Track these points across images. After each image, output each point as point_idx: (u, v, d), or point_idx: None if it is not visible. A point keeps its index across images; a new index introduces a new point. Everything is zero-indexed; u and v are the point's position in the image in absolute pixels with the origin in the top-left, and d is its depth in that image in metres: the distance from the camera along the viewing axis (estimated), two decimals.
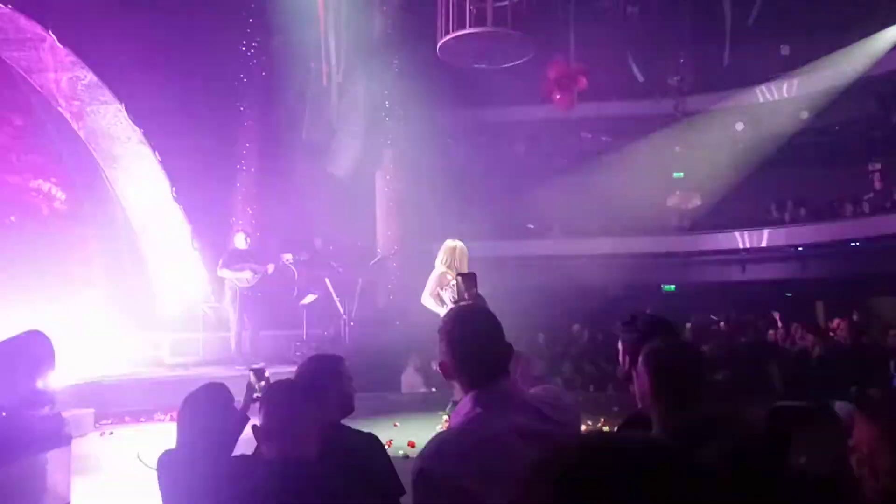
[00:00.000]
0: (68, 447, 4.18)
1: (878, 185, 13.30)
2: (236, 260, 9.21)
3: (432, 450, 1.66)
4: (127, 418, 7.31)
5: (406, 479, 2.48)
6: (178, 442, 2.71)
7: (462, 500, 1.56)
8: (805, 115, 13.56)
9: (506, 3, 8.63)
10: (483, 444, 1.60)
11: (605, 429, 6.42)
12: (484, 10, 8.58)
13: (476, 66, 9.83)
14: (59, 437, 4.16)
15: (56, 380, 4.47)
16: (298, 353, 9.44)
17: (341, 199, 12.29)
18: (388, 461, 2.56)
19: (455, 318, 1.88)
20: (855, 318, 10.03)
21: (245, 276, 9.18)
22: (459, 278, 3.93)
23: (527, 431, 1.65)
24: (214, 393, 2.77)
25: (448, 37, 8.82)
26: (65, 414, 4.52)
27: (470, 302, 4.72)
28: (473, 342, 1.79)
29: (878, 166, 13.36)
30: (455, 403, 6.64)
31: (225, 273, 9.18)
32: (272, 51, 11.34)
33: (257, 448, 2.31)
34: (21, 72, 9.24)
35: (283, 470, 1.84)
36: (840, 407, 5.62)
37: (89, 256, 9.67)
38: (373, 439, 2.59)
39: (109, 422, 7.14)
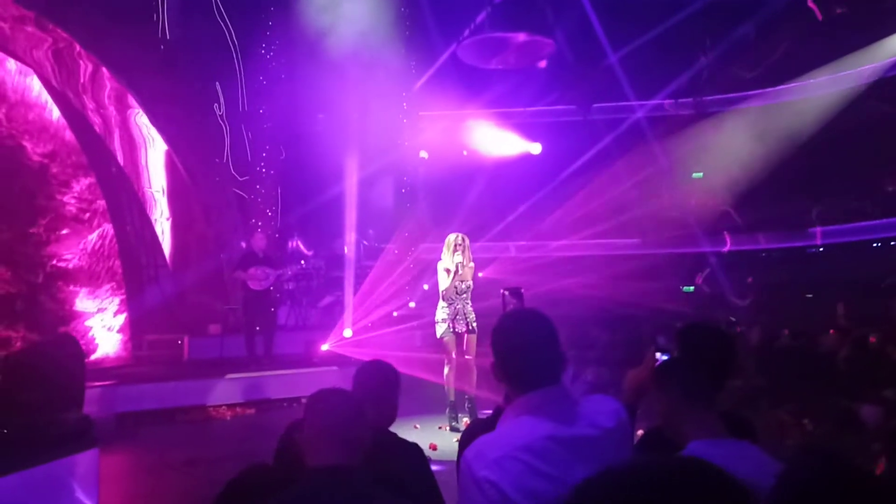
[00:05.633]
0: (95, 450, 4.18)
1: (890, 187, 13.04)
2: (246, 262, 9.10)
3: (474, 452, 1.66)
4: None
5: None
6: None
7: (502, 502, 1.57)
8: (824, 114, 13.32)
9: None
10: (523, 451, 1.61)
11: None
12: None
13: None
14: (86, 439, 4.17)
15: (83, 382, 4.49)
16: None
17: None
18: (430, 472, 2.52)
19: (507, 322, 1.89)
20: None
21: (257, 278, 8.98)
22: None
23: (569, 440, 1.66)
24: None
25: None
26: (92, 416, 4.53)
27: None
28: (523, 348, 1.79)
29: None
30: (470, 403, 6.66)
31: (238, 275, 9.06)
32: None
33: (287, 451, 2.26)
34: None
35: (329, 477, 1.81)
36: (867, 411, 5.55)
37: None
38: (416, 449, 2.57)
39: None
